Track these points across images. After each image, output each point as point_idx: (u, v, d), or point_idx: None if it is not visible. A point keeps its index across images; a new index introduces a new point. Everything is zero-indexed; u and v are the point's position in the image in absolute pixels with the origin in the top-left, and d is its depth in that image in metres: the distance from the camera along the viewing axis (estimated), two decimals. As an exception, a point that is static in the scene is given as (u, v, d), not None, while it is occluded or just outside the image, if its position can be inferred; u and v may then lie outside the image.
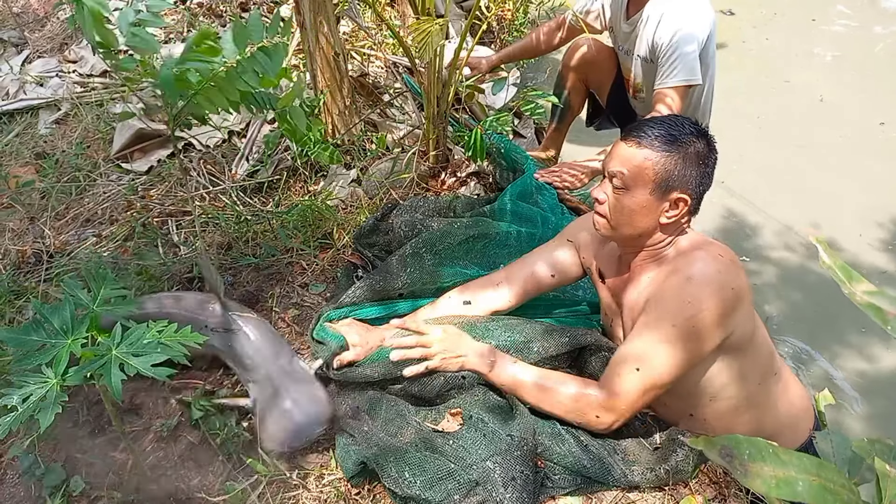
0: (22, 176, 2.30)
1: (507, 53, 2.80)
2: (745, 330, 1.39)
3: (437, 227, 1.98)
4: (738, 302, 1.34)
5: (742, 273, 1.39)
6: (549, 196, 2.21)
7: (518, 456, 1.35)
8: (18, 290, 1.92)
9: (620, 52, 2.55)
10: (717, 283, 1.33)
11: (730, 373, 1.42)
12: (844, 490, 0.57)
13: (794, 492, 0.56)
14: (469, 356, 1.47)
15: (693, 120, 1.44)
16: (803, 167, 3.54)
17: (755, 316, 1.44)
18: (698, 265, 1.36)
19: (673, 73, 2.22)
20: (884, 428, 2.43)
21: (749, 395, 1.46)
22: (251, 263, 1.98)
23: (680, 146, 1.38)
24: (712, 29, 2.31)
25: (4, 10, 3.26)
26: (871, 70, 4.36)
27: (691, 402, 1.48)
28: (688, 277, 1.35)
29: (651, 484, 1.41)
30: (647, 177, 1.38)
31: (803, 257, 3.08)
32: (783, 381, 1.54)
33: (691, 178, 1.39)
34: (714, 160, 1.43)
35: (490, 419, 1.43)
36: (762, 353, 1.47)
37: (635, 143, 1.39)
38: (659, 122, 1.41)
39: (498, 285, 1.70)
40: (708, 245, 1.42)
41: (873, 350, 2.67)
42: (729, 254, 1.40)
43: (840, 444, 0.73)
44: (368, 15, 3.32)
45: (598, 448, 1.42)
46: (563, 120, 2.88)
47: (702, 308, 1.32)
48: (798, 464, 0.57)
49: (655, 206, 1.40)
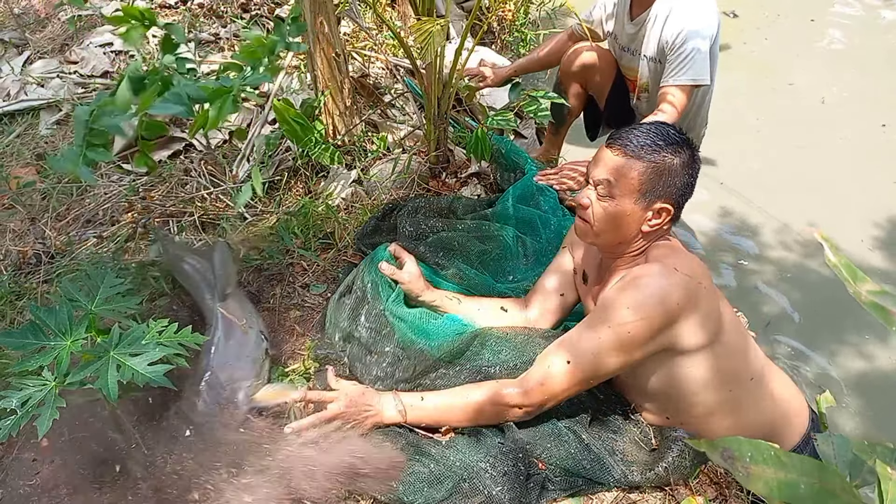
0: (23, 177, 2.30)
1: (519, 66, 2.80)
2: (697, 341, 1.37)
3: (441, 226, 2.00)
4: (682, 315, 1.34)
5: (696, 288, 1.36)
6: (549, 198, 2.21)
7: (509, 452, 1.36)
8: (19, 290, 1.92)
9: (625, 54, 2.54)
10: (659, 296, 1.33)
11: (689, 380, 1.42)
12: (845, 493, 0.57)
13: (795, 494, 0.56)
14: (381, 412, 1.44)
15: (678, 129, 1.45)
16: (804, 169, 3.54)
17: (722, 326, 1.42)
18: (646, 278, 1.36)
19: (682, 71, 2.21)
20: (883, 427, 2.43)
21: (722, 402, 1.45)
22: (252, 264, 1.98)
23: (665, 156, 1.38)
24: (718, 29, 2.31)
25: (5, 12, 3.26)
26: (873, 71, 4.35)
27: (661, 407, 1.49)
28: (635, 287, 1.36)
29: (651, 483, 1.41)
30: (632, 185, 1.39)
31: (802, 258, 3.08)
32: (766, 386, 1.52)
33: (675, 188, 1.40)
34: (697, 169, 1.44)
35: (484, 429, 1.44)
36: (730, 362, 1.45)
37: (620, 152, 1.40)
38: (645, 130, 1.41)
39: (528, 317, 1.71)
40: (671, 256, 1.41)
41: (871, 350, 2.68)
42: (688, 268, 1.38)
43: (841, 447, 0.73)
44: (369, 16, 3.33)
45: (599, 448, 1.42)
46: (563, 123, 2.88)
47: (639, 317, 1.32)
48: (800, 466, 0.57)
49: (639, 215, 1.41)
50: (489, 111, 2.70)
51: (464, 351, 1.56)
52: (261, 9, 3.23)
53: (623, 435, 1.48)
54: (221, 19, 3.19)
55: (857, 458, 0.71)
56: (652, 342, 1.35)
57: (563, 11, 4.24)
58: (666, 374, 1.42)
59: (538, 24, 4.23)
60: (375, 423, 1.44)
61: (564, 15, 4.27)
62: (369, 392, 1.48)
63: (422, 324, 1.64)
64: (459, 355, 1.56)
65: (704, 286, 1.38)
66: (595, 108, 2.85)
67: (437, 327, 1.64)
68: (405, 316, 1.66)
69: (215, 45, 3.05)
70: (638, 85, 2.53)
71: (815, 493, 0.55)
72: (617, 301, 1.36)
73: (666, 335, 1.35)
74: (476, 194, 2.38)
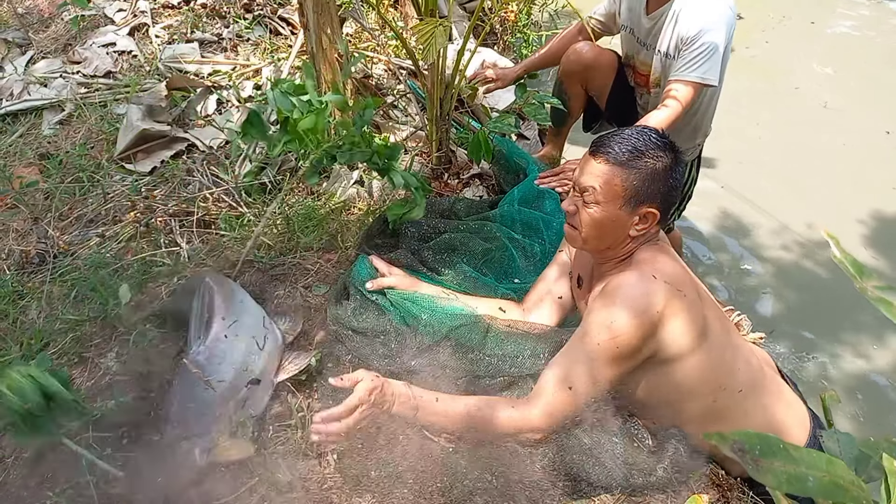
0: (26, 176, 2.31)
1: (529, 63, 2.79)
2: (679, 349, 1.38)
3: (443, 227, 2.01)
4: (661, 324, 1.35)
5: (675, 294, 1.37)
6: (552, 200, 2.21)
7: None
8: (22, 290, 1.93)
9: (642, 49, 2.50)
10: (639, 306, 1.34)
11: (670, 387, 1.43)
12: (854, 487, 0.57)
13: (804, 487, 0.57)
14: (395, 401, 1.42)
15: (660, 132, 1.46)
16: (804, 173, 3.54)
17: (705, 335, 1.41)
18: (625, 288, 1.37)
19: (693, 68, 2.19)
20: (882, 428, 2.44)
21: (705, 411, 1.46)
22: (254, 265, 1.98)
23: (647, 161, 1.40)
24: (733, 30, 2.29)
25: (9, 12, 3.27)
26: (876, 77, 4.35)
27: (648, 413, 1.50)
28: (613, 298, 1.37)
29: (653, 484, 1.41)
30: (616, 192, 1.41)
31: (802, 260, 3.08)
32: (757, 398, 1.51)
33: (660, 192, 1.42)
34: (681, 172, 1.45)
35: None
36: (714, 372, 1.45)
37: (603, 159, 1.42)
38: (626, 137, 1.43)
39: (526, 319, 1.72)
40: (651, 262, 1.42)
41: (868, 350, 2.69)
42: (668, 275, 1.39)
43: (846, 444, 0.73)
44: (372, 16, 3.33)
45: (600, 452, 1.42)
46: (564, 124, 2.87)
47: (621, 330, 1.34)
48: (808, 460, 0.57)
49: (625, 220, 1.43)
50: (491, 112, 2.71)
51: (469, 332, 1.59)
52: (263, 9, 3.24)
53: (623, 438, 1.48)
54: (224, 19, 3.20)
55: (862, 455, 0.72)
56: (639, 352, 1.37)
57: (566, 12, 4.25)
58: (648, 382, 1.43)
59: (540, 26, 4.23)
60: (391, 412, 1.43)
61: (567, 16, 4.27)
62: (385, 382, 1.47)
63: (424, 301, 1.68)
64: (463, 333, 1.59)
65: (685, 293, 1.38)
66: (595, 104, 2.85)
67: (439, 306, 1.67)
68: (407, 298, 1.70)
69: (218, 46, 3.05)
70: (651, 80, 2.51)
71: (823, 487, 0.56)
72: (599, 317, 1.37)
73: (652, 342, 1.37)
74: (478, 195, 2.39)
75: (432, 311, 1.66)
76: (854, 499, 0.57)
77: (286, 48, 3.04)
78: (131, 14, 3.17)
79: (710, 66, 2.19)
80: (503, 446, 1.42)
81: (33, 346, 1.73)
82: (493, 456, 1.40)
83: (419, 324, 1.64)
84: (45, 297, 1.89)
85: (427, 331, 1.63)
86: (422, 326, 1.64)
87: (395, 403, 1.40)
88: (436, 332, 1.62)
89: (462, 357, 1.58)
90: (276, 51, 3.04)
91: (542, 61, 2.79)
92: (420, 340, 1.62)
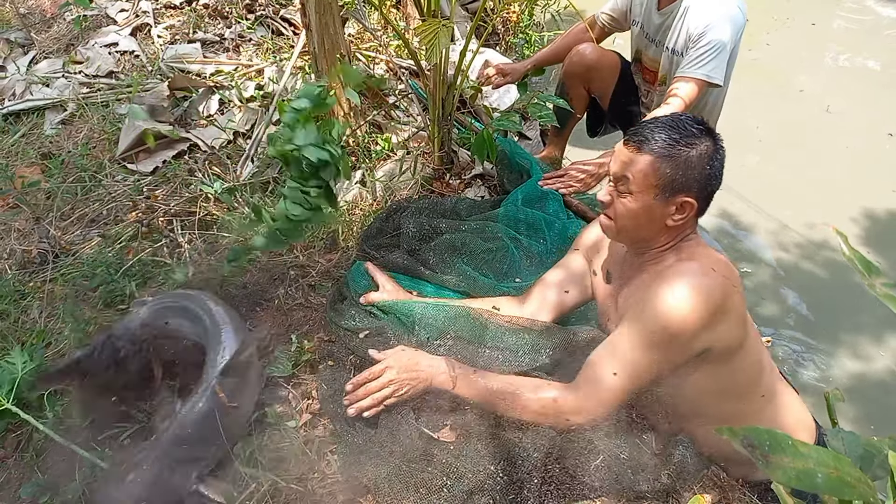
0: (28, 176, 2.31)
1: (538, 59, 2.79)
2: (728, 346, 1.37)
3: (445, 227, 2.00)
4: (720, 318, 1.32)
5: (732, 290, 1.34)
6: (554, 201, 2.21)
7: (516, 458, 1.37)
8: (24, 289, 1.93)
9: (651, 45, 2.50)
10: (700, 297, 1.30)
11: (704, 386, 1.40)
12: (861, 484, 0.57)
13: (813, 483, 0.57)
14: (432, 376, 1.44)
15: (697, 118, 1.41)
16: (806, 174, 3.54)
17: (748, 335, 1.40)
18: (686, 277, 1.33)
19: (698, 65, 2.18)
20: (881, 428, 2.43)
21: (728, 415, 1.44)
22: (256, 265, 1.98)
23: (682, 149, 1.35)
24: (741, 33, 2.29)
25: (11, 11, 3.27)
26: (878, 79, 4.35)
27: (665, 413, 1.47)
28: (673, 287, 1.32)
29: (657, 490, 1.40)
30: (651, 181, 1.36)
31: (802, 261, 3.08)
32: (772, 403, 1.50)
33: (696, 180, 1.36)
34: (721, 158, 1.40)
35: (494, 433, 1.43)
36: (746, 373, 1.44)
37: (636, 148, 1.37)
38: (661, 124, 1.38)
39: (524, 310, 1.71)
40: (704, 257, 1.39)
41: (868, 350, 2.69)
42: (724, 269, 1.36)
43: (851, 442, 0.73)
44: (374, 17, 3.33)
45: (606, 455, 1.42)
46: (566, 125, 2.87)
47: (681, 319, 1.30)
48: (817, 457, 0.57)
49: (661, 210, 1.38)
50: (493, 112, 2.70)
51: (465, 323, 1.62)
52: (266, 9, 3.24)
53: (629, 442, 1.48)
54: (226, 20, 3.20)
55: (867, 453, 0.71)
56: (695, 343, 1.33)
57: (568, 13, 4.24)
58: (691, 378, 1.40)
59: (542, 26, 4.23)
60: (426, 388, 1.45)
61: (569, 17, 4.27)
62: (420, 354, 1.49)
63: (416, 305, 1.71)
64: (461, 325, 1.62)
65: (738, 290, 1.36)
66: (598, 107, 2.84)
67: (431, 307, 1.70)
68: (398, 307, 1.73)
69: (220, 46, 3.05)
70: (658, 77, 2.51)
71: (831, 483, 0.56)
72: (658, 306, 1.33)
73: (707, 335, 1.33)
74: (480, 196, 2.38)
75: (424, 310, 1.67)
76: (861, 496, 0.57)
77: (288, 48, 3.05)
78: (133, 14, 3.17)
79: (715, 64, 2.18)
80: (504, 443, 1.41)
81: (35, 346, 1.73)
82: (494, 455, 1.39)
83: (415, 322, 1.66)
84: (46, 297, 1.89)
85: (423, 324, 1.65)
86: (418, 323, 1.65)
87: (431, 378, 1.44)
88: (432, 327, 1.63)
89: (462, 349, 1.58)
90: (278, 51, 3.04)
91: (551, 57, 2.79)
92: (419, 338, 1.62)
